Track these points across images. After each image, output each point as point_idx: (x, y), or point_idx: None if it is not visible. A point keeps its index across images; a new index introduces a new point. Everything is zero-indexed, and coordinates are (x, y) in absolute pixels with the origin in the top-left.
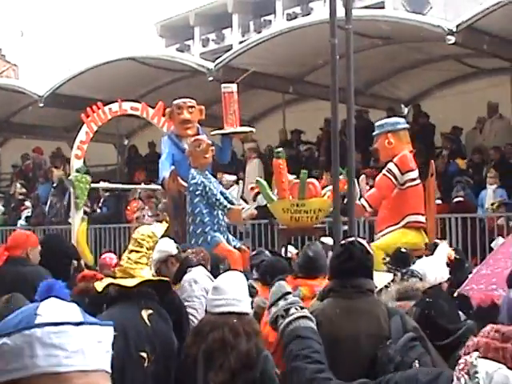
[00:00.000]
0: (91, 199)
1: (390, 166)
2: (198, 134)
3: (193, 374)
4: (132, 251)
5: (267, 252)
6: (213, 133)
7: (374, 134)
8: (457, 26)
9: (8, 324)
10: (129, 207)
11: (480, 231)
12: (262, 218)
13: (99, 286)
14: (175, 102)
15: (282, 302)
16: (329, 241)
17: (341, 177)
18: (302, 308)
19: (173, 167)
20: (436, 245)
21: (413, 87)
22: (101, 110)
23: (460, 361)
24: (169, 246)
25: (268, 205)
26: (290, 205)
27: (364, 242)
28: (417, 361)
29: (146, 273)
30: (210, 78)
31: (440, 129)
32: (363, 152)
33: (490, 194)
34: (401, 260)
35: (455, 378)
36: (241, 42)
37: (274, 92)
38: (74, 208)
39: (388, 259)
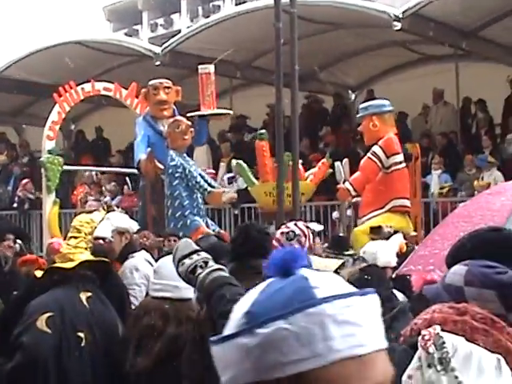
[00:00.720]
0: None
1: (375, 148)
2: (174, 115)
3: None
4: (71, 237)
5: (214, 236)
6: (189, 114)
7: (357, 116)
8: (403, 13)
9: (272, 305)
10: (75, 192)
11: (425, 215)
12: (243, 201)
13: (38, 273)
14: (151, 82)
15: (196, 256)
16: (316, 227)
17: (324, 160)
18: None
19: (149, 149)
20: (379, 227)
21: (360, 73)
22: (73, 89)
23: (423, 333)
24: (132, 223)
25: (249, 188)
26: (273, 188)
27: (301, 224)
28: None
29: (86, 257)
30: (158, 63)
31: None
32: (312, 137)
33: (435, 180)
34: (338, 244)
35: (421, 350)
36: (189, 27)
37: (222, 77)
38: (46, 191)
39: (326, 244)
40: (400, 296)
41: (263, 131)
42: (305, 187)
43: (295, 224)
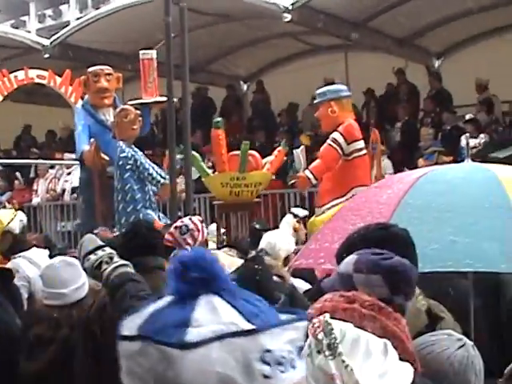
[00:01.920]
0: None
1: (335, 135)
2: (115, 103)
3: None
4: None
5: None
6: (130, 102)
7: (314, 102)
8: (292, 4)
9: (154, 326)
10: None
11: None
12: (195, 192)
13: None
14: (91, 68)
15: (101, 252)
16: (300, 212)
17: (280, 148)
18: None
19: (92, 140)
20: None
21: (251, 64)
22: (6, 78)
23: (313, 321)
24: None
25: (202, 179)
26: (230, 178)
27: (196, 219)
28: None
29: None
30: (46, 56)
31: (278, 105)
32: (203, 129)
33: None
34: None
35: (311, 338)
36: (78, 19)
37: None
38: None
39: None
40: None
41: (219, 119)
42: (263, 177)
43: (190, 219)
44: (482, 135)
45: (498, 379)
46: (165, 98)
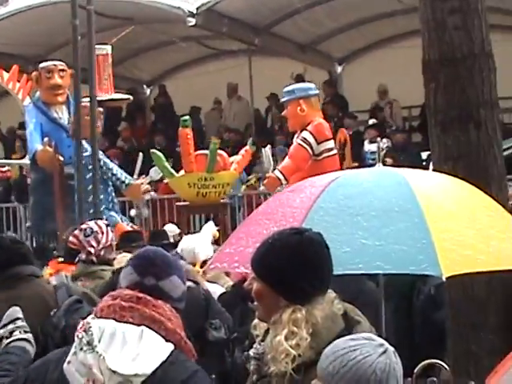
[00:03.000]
0: None
1: (305, 134)
2: (68, 101)
3: None
4: None
5: None
6: (84, 100)
7: (283, 100)
8: (197, 9)
9: None
10: None
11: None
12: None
13: None
14: (43, 64)
15: (10, 326)
16: (172, 228)
17: (247, 147)
18: (26, 332)
19: (46, 138)
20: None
21: (155, 68)
22: None
23: (80, 323)
24: None
25: (167, 179)
26: (198, 179)
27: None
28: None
29: None
30: None
31: (181, 109)
32: (110, 133)
33: None
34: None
35: (76, 337)
36: None
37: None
38: None
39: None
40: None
41: (187, 118)
42: (231, 177)
43: (95, 222)
44: (384, 140)
45: (408, 378)
46: (123, 96)
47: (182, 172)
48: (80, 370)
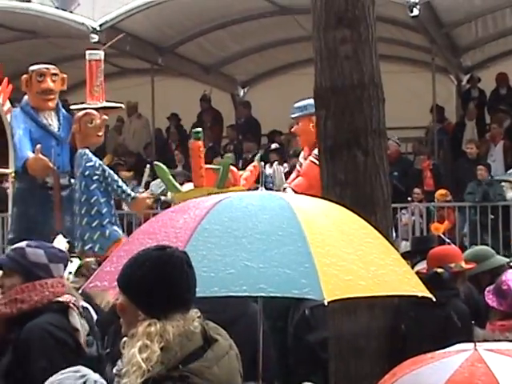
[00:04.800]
0: None
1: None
2: (57, 107)
3: None
4: None
5: None
6: (74, 107)
7: (292, 116)
8: (100, 25)
9: None
10: None
11: None
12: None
13: None
14: (35, 67)
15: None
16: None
17: (255, 163)
18: None
19: (39, 146)
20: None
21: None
22: None
23: None
24: None
25: (172, 194)
26: (208, 194)
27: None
28: None
29: None
30: None
31: None
32: None
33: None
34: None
35: None
36: None
37: None
38: None
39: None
40: None
41: (199, 129)
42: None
43: None
44: (285, 164)
45: None
46: (116, 104)
47: (186, 186)
48: None
